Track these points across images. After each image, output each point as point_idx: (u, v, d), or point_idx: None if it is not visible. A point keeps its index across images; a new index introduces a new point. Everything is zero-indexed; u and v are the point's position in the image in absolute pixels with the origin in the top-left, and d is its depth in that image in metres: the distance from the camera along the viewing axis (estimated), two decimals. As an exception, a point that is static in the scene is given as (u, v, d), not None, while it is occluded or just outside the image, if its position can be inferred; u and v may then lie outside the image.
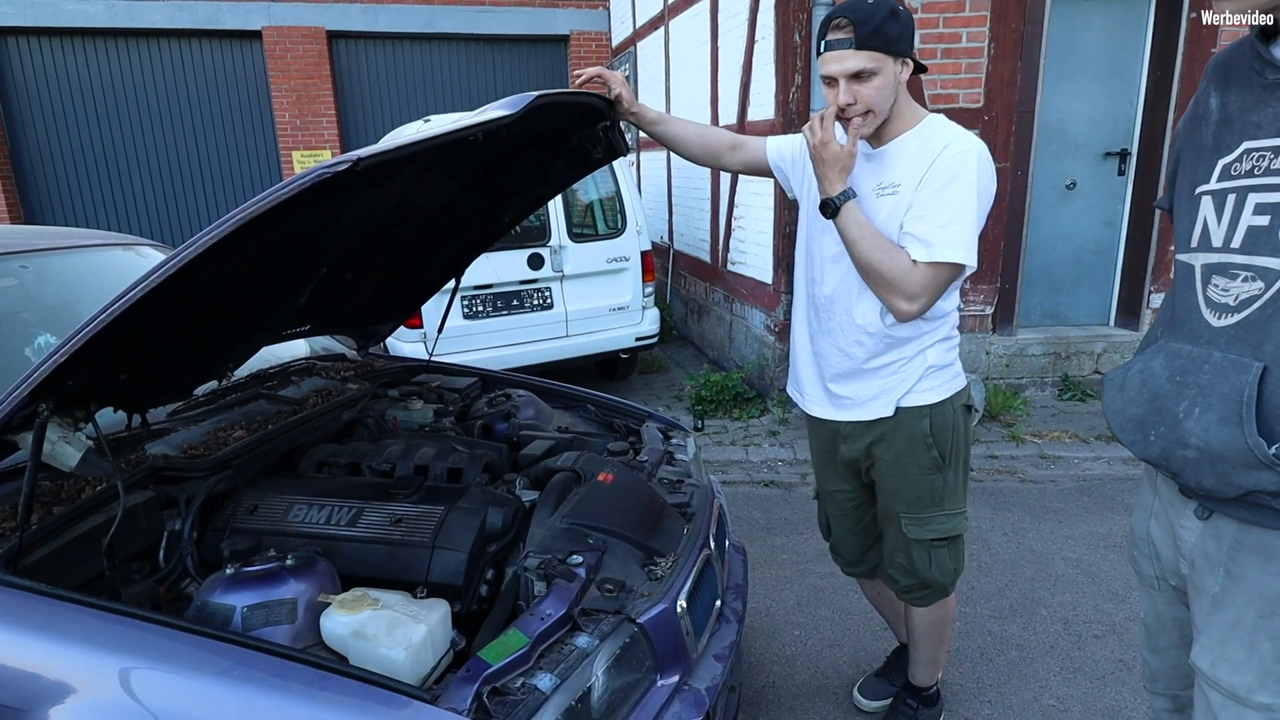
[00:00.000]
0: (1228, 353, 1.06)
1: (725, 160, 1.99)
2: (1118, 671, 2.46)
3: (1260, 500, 1.05)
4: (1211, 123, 1.15)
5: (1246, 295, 1.05)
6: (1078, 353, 4.98)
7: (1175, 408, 1.11)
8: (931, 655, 2.10)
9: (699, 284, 6.65)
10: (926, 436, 1.79)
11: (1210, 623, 1.15)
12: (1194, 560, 1.20)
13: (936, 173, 1.60)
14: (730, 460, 4.26)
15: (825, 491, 2.08)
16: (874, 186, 1.68)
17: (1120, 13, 4.68)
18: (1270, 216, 1.03)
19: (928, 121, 1.68)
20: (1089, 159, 4.94)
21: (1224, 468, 1.05)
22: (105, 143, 8.55)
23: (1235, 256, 1.07)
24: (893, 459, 1.82)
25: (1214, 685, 1.15)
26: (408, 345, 4.43)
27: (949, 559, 1.90)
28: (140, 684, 1.13)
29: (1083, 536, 3.34)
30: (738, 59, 5.34)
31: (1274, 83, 1.04)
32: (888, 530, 1.95)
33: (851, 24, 1.53)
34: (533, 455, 1.99)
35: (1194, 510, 1.19)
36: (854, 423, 1.84)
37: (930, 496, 1.83)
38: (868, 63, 1.55)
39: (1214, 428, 1.05)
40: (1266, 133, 1.05)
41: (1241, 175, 1.07)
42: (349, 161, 1.06)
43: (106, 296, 2.38)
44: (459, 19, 8.91)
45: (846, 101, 1.59)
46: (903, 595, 1.99)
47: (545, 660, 1.27)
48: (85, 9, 7.98)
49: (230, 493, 1.72)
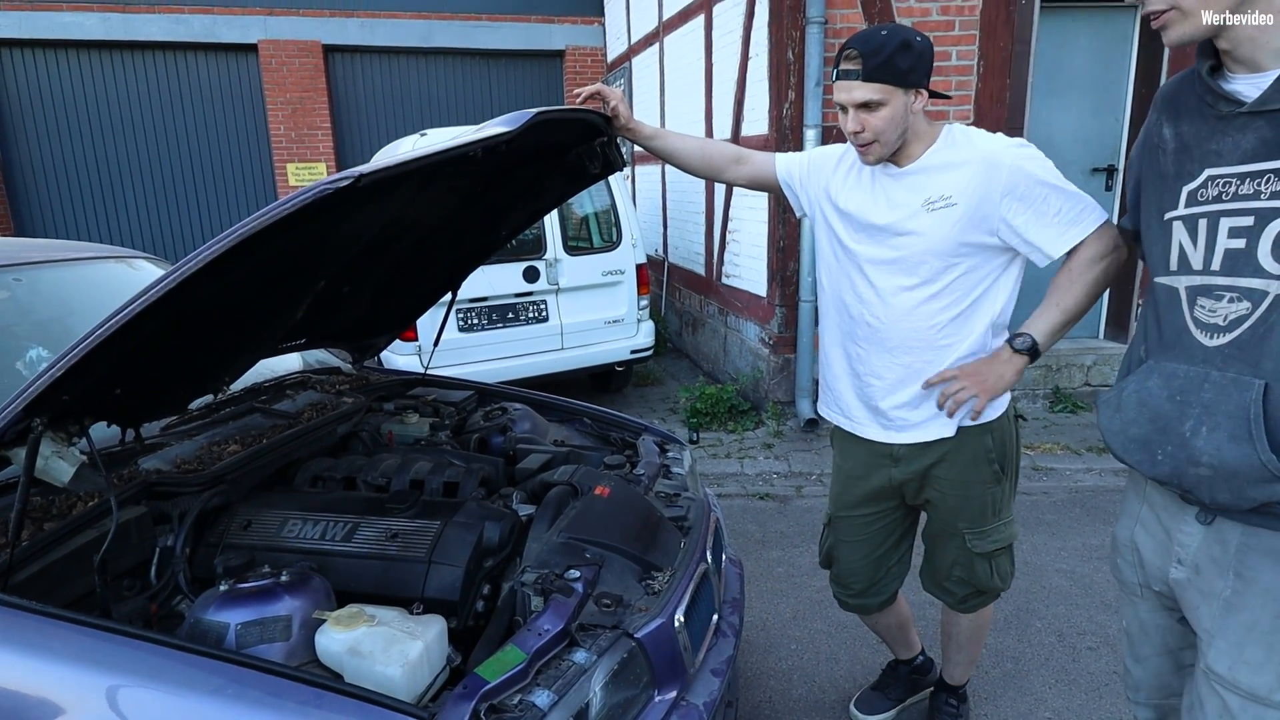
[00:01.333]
0: (1225, 371, 1.10)
1: (728, 173, 1.98)
2: (1112, 683, 2.46)
3: (1274, 510, 1.09)
4: (1169, 151, 1.20)
5: (1236, 315, 1.09)
6: (1068, 365, 5.01)
7: (1181, 427, 1.14)
8: (972, 656, 2.14)
9: (694, 297, 6.67)
10: (989, 452, 1.79)
11: (1225, 626, 1.17)
12: (1198, 564, 1.22)
13: (1015, 181, 1.60)
14: (725, 473, 4.25)
15: (844, 516, 1.99)
16: (923, 201, 1.67)
17: (1106, 31, 4.75)
18: (1245, 239, 1.08)
19: (949, 132, 1.69)
20: (1077, 175, 4.99)
21: (1238, 483, 1.08)
22: (99, 155, 8.53)
23: (1217, 278, 1.12)
24: (956, 478, 1.81)
25: (1232, 688, 1.16)
26: (402, 358, 4.43)
27: (1008, 564, 1.94)
28: (132, 703, 1.11)
29: (1076, 548, 3.35)
30: (732, 75, 5.38)
31: (1229, 114, 1.10)
32: (944, 548, 1.93)
33: (860, 56, 1.56)
34: (529, 469, 1.99)
35: (1195, 515, 1.21)
36: (910, 445, 1.81)
37: (992, 509, 1.84)
38: (874, 94, 1.57)
39: (1225, 445, 1.08)
40: (1228, 160, 1.10)
41: (1210, 201, 1.13)
42: (352, 177, 1.07)
43: (100, 310, 2.36)
44: (455, 34, 8.96)
45: (854, 129, 1.62)
46: (958, 605, 1.99)
47: (543, 676, 1.26)
48: (80, 21, 7.98)
49: (224, 508, 1.70)
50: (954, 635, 2.09)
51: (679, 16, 6.49)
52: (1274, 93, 1.04)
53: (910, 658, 2.29)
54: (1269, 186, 1.05)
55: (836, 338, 1.88)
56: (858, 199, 1.76)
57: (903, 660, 2.30)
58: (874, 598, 2.05)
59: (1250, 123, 1.07)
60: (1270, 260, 1.05)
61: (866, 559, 2.00)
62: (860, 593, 2.05)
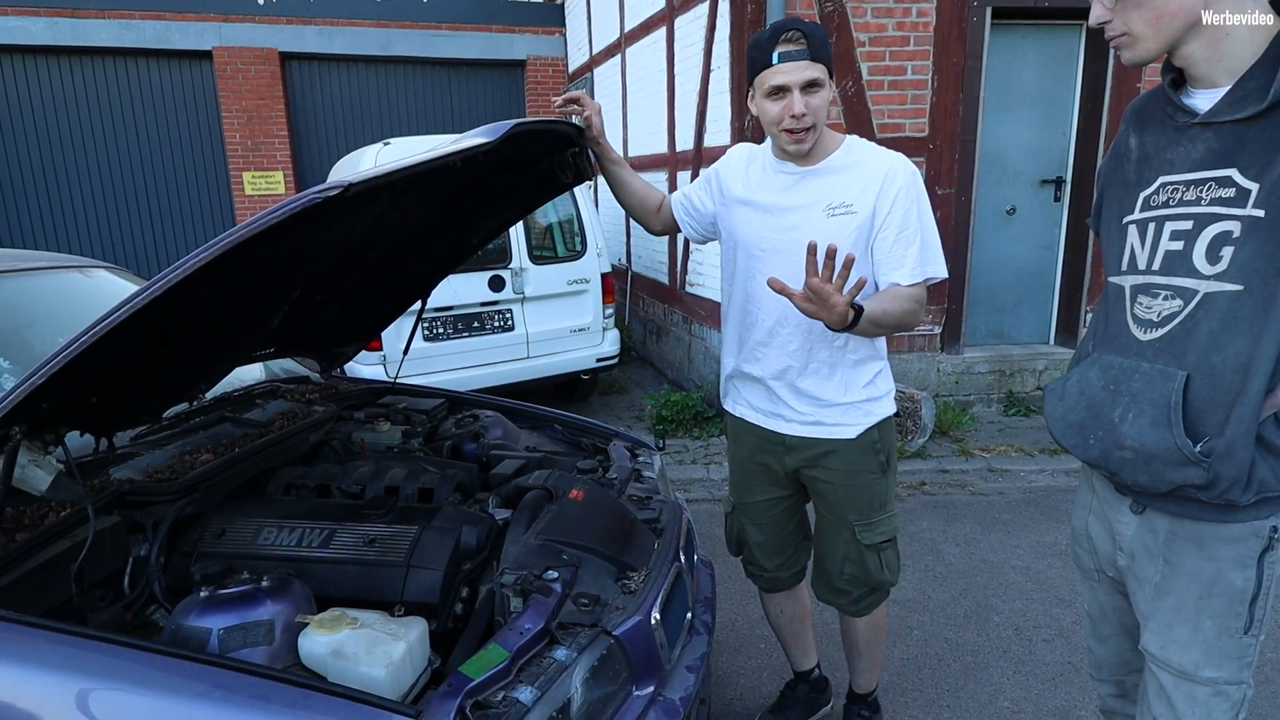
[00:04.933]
0: (1155, 363, 1.19)
1: (650, 221, 2.07)
2: (1067, 673, 2.56)
3: (1188, 494, 1.17)
4: (1132, 160, 1.29)
5: (1168, 312, 1.18)
6: (1021, 370, 5.19)
7: (1111, 413, 1.23)
8: (875, 659, 2.17)
9: (657, 305, 6.73)
10: (876, 444, 1.86)
11: (1156, 609, 1.27)
12: (1133, 552, 1.31)
13: (900, 199, 1.70)
14: (692, 478, 4.31)
15: (746, 503, 2.07)
16: (824, 207, 1.72)
17: (1053, 49, 4.95)
18: (1184, 242, 1.16)
19: (848, 141, 1.76)
20: (1027, 186, 5.18)
21: (1156, 466, 1.17)
22: (47, 163, 8.29)
23: (1156, 278, 1.20)
24: (846, 469, 1.87)
25: (1164, 666, 1.26)
26: (367, 368, 4.40)
27: (894, 557, 1.98)
28: (117, 710, 1.12)
29: (1031, 545, 3.48)
30: (694, 87, 5.47)
31: (1184, 125, 1.18)
32: (835, 543, 1.96)
33: (804, 35, 1.59)
34: (504, 474, 2.01)
35: (1129, 506, 1.31)
36: (803, 436, 1.88)
37: (879, 500, 1.90)
38: (820, 74, 1.62)
39: (1147, 430, 1.17)
40: (1178, 168, 1.19)
41: (1159, 206, 1.21)
42: (340, 187, 1.09)
43: (62, 320, 2.32)
44: (415, 42, 8.92)
45: (799, 112, 1.63)
46: (852, 607, 2.02)
47: (525, 673, 1.29)
48: (26, 26, 7.77)
49: (197, 517, 1.70)
50: (854, 642, 2.13)
51: (641, 28, 6.58)
52: (1222, 106, 1.11)
53: (807, 670, 2.30)
54: (1209, 193, 1.13)
55: (735, 333, 1.94)
56: (768, 195, 1.80)
57: (800, 674, 2.30)
58: (785, 571, 2.12)
59: (1201, 134, 1.15)
60: (1204, 262, 1.13)
61: (774, 540, 2.08)
62: (778, 566, 2.11)
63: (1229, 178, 1.11)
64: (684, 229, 2.03)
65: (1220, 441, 1.12)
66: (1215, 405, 1.13)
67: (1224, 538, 1.19)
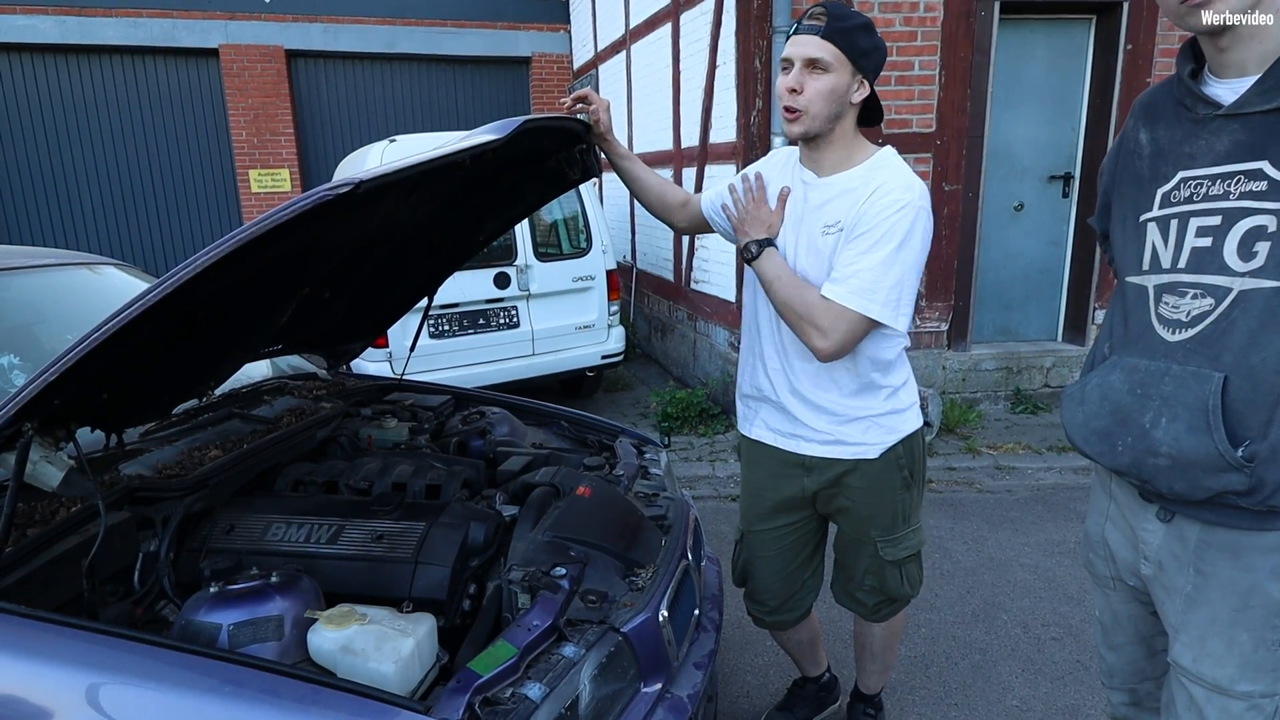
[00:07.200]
0: (1186, 365, 1.14)
1: (675, 216, 2.00)
2: (1076, 672, 2.56)
3: (1226, 500, 1.12)
4: (1145, 156, 1.25)
5: (1199, 311, 1.13)
6: (1028, 367, 5.17)
7: (1141, 419, 1.18)
8: (885, 664, 2.16)
9: (662, 302, 6.72)
10: (900, 459, 1.80)
11: (1188, 621, 1.21)
12: (1160, 561, 1.26)
13: (872, 217, 1.57)
14: (697, 475, 4.31)
15: (757, 531, 1.96)
16: (821, 226, 1.65)
17: (1062, 43, 4.92)
18: (1212, 238, 1.12)
19: (878, 157, 1.66)
20: (1035, 182, 5.16)
21: (1194, 472, 1.12)
22: (55, 161, 8.33)
23: (1183, 276, 1.16)
24: (868, 485, 1.80)
25: (1197, 680, 1.21)
26: (372, 365, 4.40)
27: (917, 571, 1.94)
28: (129, 705, 1.12)
29: (1039, 543, 3.46)
30: (699, 83, 5.46)
31: (1205, 117, 1.14)
32: (856, 557, 1.92)
33: (827, 15, 1.54)
34: (511, 471, 2.01)
35: (1155, 513, 1.25)
36: (822, 457, 1.80)
37: (903, 515, 1.85)
38: (825, 54, 1.53)
39: (1184, 436, 1.12)
40: (1200, 163, 1.14)
41: (1181, 202, 1.17)
42: (352, 184, 1.09)
43: (71, 317, 2.32)
44: (420, 40, 8.93)
45: (791, 87, 1.57)
46: (869, 615, 1.99)
47: (533, 670, 1.29)
48: (35, 25, 7.80)
49: (206, 513, 1.70)
50: (868, 645, 2.11)
51: (646, 25, 6.57)
52: (1251, 96, 1.07)
53: (817, 675, 2.29)
54: (1238, 187, 1.09)
55: (756, 351, 1.88)
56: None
57: (810, 678, 2.29)
58: (789, 614, 2.02)
59: (1225, 125, 1.11)
60: (1235, 258, 1.09)
61: (779, 575, 1.97)
62: (776, 609, 2.01)
63: (1260, 170, 1.07)
64: (718, 230, 1.98)
65: (1264, 445, 1.07)
66: (1255, 408, 1.08)
67: (1261, 547, 1.13)
